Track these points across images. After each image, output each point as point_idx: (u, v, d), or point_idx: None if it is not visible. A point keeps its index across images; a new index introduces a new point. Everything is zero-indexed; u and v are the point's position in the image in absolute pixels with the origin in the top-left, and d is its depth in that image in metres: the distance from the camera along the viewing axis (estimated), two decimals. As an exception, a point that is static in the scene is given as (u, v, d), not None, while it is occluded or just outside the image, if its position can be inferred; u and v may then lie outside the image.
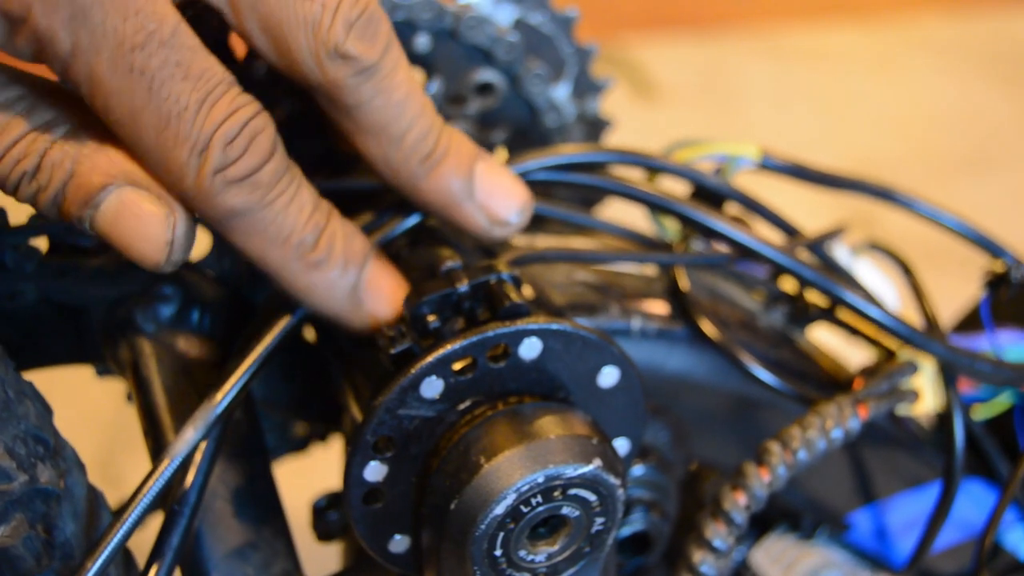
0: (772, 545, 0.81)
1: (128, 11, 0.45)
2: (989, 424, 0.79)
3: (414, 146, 0.54)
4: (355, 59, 0.51)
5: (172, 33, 0.46)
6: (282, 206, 0.50)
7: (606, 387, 0.56)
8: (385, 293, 0.55)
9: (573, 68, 0.73)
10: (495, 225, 0.57)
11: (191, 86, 0.47)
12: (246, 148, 0.48)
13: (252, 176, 0.49)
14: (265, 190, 0.49)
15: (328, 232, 0.52)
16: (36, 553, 0.53)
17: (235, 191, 0.48)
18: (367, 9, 0.51)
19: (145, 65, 0.46)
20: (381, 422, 0.52)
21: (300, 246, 0.51)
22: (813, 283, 0.67)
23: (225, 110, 0.48)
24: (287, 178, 0.50)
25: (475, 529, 0.51)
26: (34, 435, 0.52)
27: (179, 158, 0.47)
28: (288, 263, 0.52)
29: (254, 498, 0.62)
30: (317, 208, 0.52)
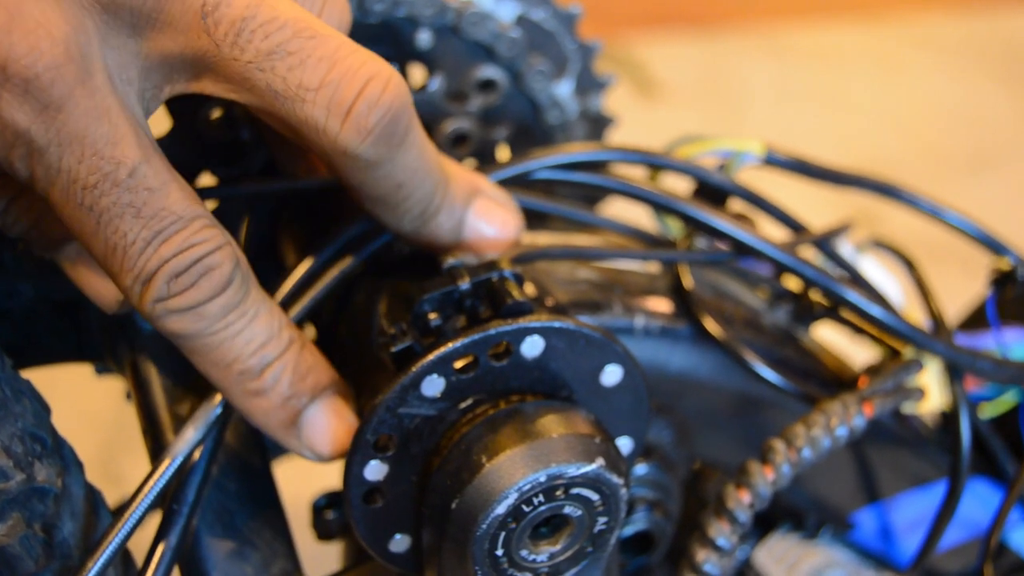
0: (775, 544, 0.80)
1: (85, 153, 0.45)
2: (994, 422, 0.78)
3: (409, 210, 0.54)
4: (367, 160, 0.50)
5: (129, 175, 0.46)
6: (228, 337, 0.50)
7: (609, 385, 0.55)
8: (327, 435, 0.55)
9: (576, 65, 0.72)
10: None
11: (141, 225, 0.47)
12: (193, 283, 0.48)
13: (197, 308, 0.49)
14: (211, 321, 0.49)
15: (277, 365, 0.52)
16: (34, 552, 0.52)
17: (177, 319, 0.49)
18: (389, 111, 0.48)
19: (95, 203, 0.46)
20: (382, 421, 0.51)
21: (242, 374, 0.52)
22: (814, 282, 0.67)
23: (175, 248, 0.47)
24: (238, 311, 0.50)
25: (476, 529, 0.50)
26: (31, 433, 0.52)
27: (123, 283, 0.48)
28: (229, 386, 0.52)
29: (254, 498, 0.62)
30: (272, 339, 0.52)
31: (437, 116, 0.68)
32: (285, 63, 0.47)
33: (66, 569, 0.54)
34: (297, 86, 0.47)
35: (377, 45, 0.66)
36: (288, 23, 0.47)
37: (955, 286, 1.10)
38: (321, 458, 0.55)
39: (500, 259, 0.55)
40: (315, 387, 0.54)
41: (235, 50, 0.47)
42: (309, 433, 0.54)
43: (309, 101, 0.48)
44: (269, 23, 0.47)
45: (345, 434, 0.55)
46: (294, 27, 0.47)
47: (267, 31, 0.47)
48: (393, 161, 0.51)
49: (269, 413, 0.53)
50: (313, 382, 0.54)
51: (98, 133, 0.45)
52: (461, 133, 0.69)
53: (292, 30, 0.47)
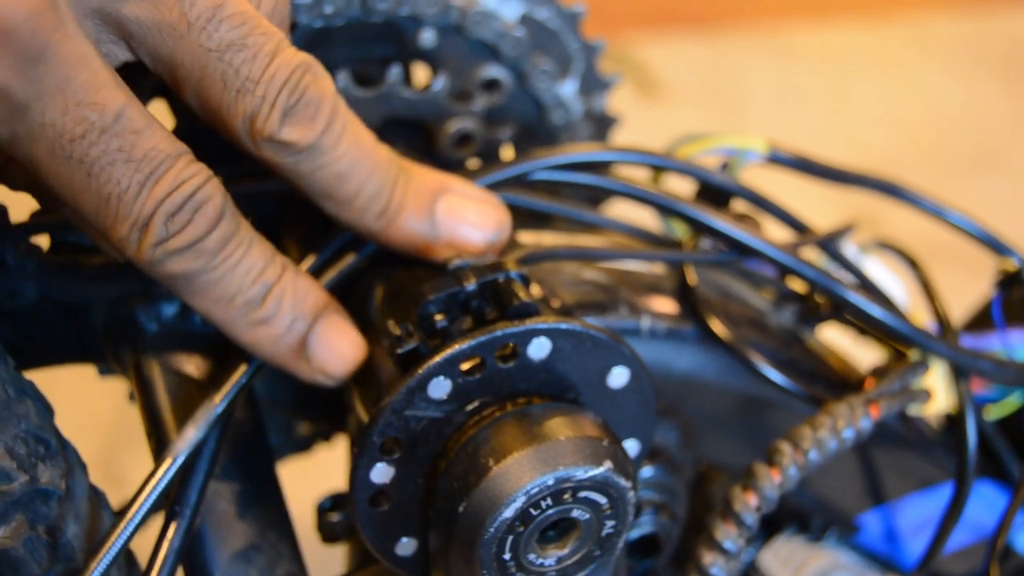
0: (781, 547, 0.80)
1: (68, 104, 0.45)
2: (1000, 424, 0.78)
3: (366, 206, 0.54)
4: (292, 144, 0.50)
5: (115, 119, 0.46)
6: (228, 269, 0.50)
7: (616, 387, 0.55)
8: (336, 351, 0.55)
9: (580, 64, 0.72)
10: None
11: (133, 168, 0.46)
12: (189, 220, 0.48)
13: (196, 245, 0.49)
14: (210, 256, 0.50)
15: (277, 290, 0.52)
16: (38, 555, 0.52)
17: (177, 259, 0.49)
18: (306, 92, 0.50)
19: (84, 154, 0.46)
20: (388, 423, 0.51)
21: (246, 305, 0.52)
22: (817, 284, 0.67)
23: (168, 186, 0.47)
24: (234, 242, 0.50)
25: (484, 532, 0.50)
26: (35, 435, 0.52)
27: (118, 233, 0.47)
28: (233, 320, 0.52)
29: (258, 500, 0.61)
30: (268, 266, 0.52)
31: (441, 116, 0.68)
32: (240, 56, 0.48)
33: (70, 571, 0.53)
34: (245, 79, 0.49)
35: (381, 44, 0.66)
36: (248, 19, 0.49)
37: (958, 286, 1.10)
38: (334, 378, 0.55)
39: (506, 260, 0.54)
40: (316, 307, 0.54)
41: (203, 35, 0.48)
42: (319, 354, 0.54)
43: (251, 92, 0.49)
44: (235, 15, 0.48)
45: (353, 350, 0.55)
46: (252, 22, 0.49)
47: (233, 22, 0.48)
48: (321, 148, 0.51)
49: (277, 340, 0.53)
50: (313, 303, 0.54)
51: (79, 81, 0.45)
52: (465, 133, 0.69)
53: (251, 25, 0.49)
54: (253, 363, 0.56)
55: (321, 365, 0.55)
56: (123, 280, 0.63)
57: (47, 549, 0.52)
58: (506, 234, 0.58)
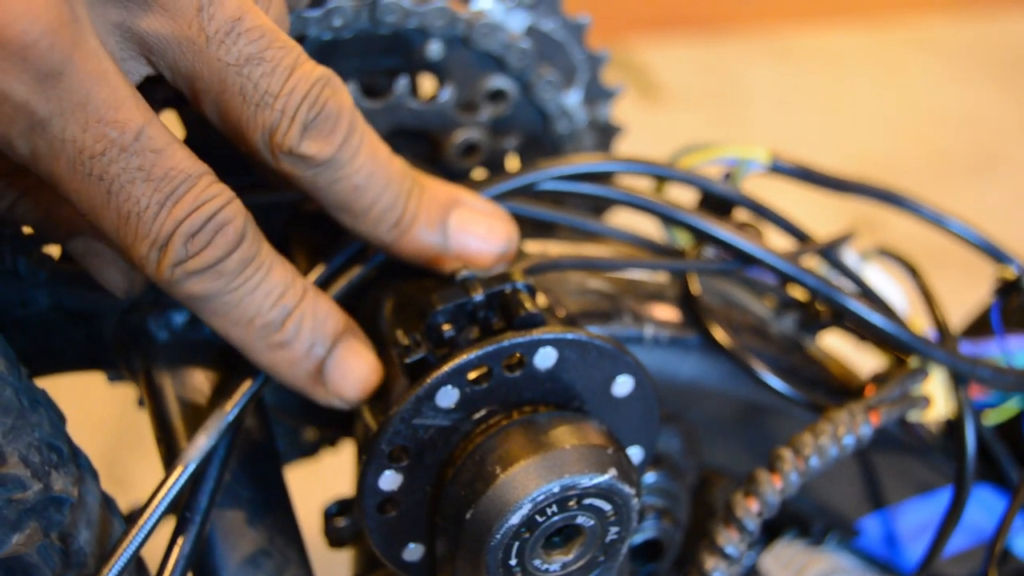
0: (782, 551, 0.81)
1: (89, 121, 0.45)
2: (999, 429, 0.79)
3: (380, 217, 0.55)
4: (311, 158, 0.51)
5: (135, 138, 0.46)
6: (247, 292, 0.50)
7: (620, 396, 0.56)
8: (353, 376, 0.55)
9: (584, 75, 0.73)
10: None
11: (152, 188, 0.46)
12: (209, 241, 0.48)
13: (215, 266, 0.49)
14: (229, 278, 0.50)
15: (296, 314, 0.53)
16: (51, 561, 0.53)
17: (195, 280, 0.49)
18: (325, 106, 0.50)
19: (104, 171, 0.46)
20: (396, 432, 0.52)
21: (264, 328, 0.52)
22: (818, 292, 0.67)
23: (188, 206, 0.47)
24: (254, 265, 0.50)
25: (490, 539, 0.51)
26: (48, 443, 0.52)
27: (138, 252, 0.48)
28: (252, 343, 0.52)
29: (267, 505, 0.62)
30: (289, 289, 0.52)
31: (447, 126, 0.69)
32: (259, 69, 0.49)
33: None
34: (264, 93, 0.49)
35: (388, 56, 0.67)
36: (267, 32, 0.49)
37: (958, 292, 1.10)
38: (350, 403, 0.56)
39: (513, 271, 0.55)
40: (335, 332, 0.54)
41: (221, 49, 0.48)
42: (336, 379, 0.55)
43: (270, 106, 0.49)
44: (254, 29, 0.48)
45: (369, 375, 0.56)
46: (271, 36, 0.49)
47: (251, 36, 0.48)
48: (339, 161, 0.52)
49: (295, 364, 0.54)
50: (332, 327, 0.54)
51: (100, 98, 0.45)
52: (471, 143, 0.70)
53: (269, 39, 0.49)
54: (260, 377, 0.56)
55: (337, 390, 0.55)
56: (134, 289, 0.64)
57: (60, 556, 0.53)
58: (514, 247, 0.59)
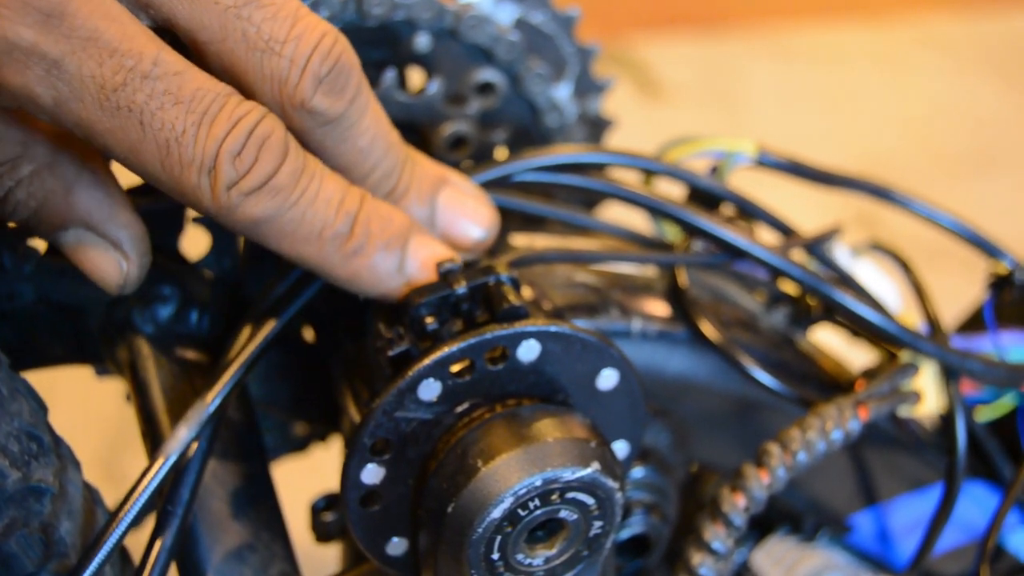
0: (774, 547, 0.80)
1: (103, 54, 0.45)
2: (992, 426, 0.78)
3: (377, 184, 0.55)
4: (322, 113, 0.50)
5: (153, 63, 0.46)
6: (308, 203, 0.49)
7: (605, 389, 0.55)
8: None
9: (574, 68, 0.73)
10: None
11: (184, 110, 0.46)
12: (256, 157, 0.47)
13: (269, 182, 0.48)
14: (286, 192, 0.48)
15: (362, 217, 0.51)
16: (31, 552, 0.52)
17: (254, 201, 0.48)
18: (338, 62, 0.50)
19: (131, 102, 0.45)
20: (378, 424, 0.51)
21: (335, 238, 0.51)
22: (807, 286, 0.67)
23: (225, 125, 0.47)
24: (307, 175, 0.49)
25: (472, 532, 0.50)
26: (28, 432, 0.52)
27: (190, 182, 0.47)
28: (327, 257, 0.51)
29: (252, 499, 0.62)
30: (347, 195, 0.51)
31: (436, 119, 0.68)
32: (260, 13, 0.48)
33: (64, 568, 0.54)
34: (268, 38, 0.48)
35: (375, 48, 0.67)
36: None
37: (956, 287, 1.10)
38: None
39: (497, 263, 0.55)
40: (403, 229, 0.53)
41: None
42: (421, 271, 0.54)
43: (277, 53, 0.49)
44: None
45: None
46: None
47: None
48: (349, 119, 0.51)
49: (374, 269, 0.53)
50: (399, 225, 0.53)
51: (109, 32, 0.45)
52: (460, 136, 0.69)
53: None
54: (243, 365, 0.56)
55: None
56: (119, 282, 0.64)
57: (41, 546, 0.53)
58: (494, 236, 0.59)
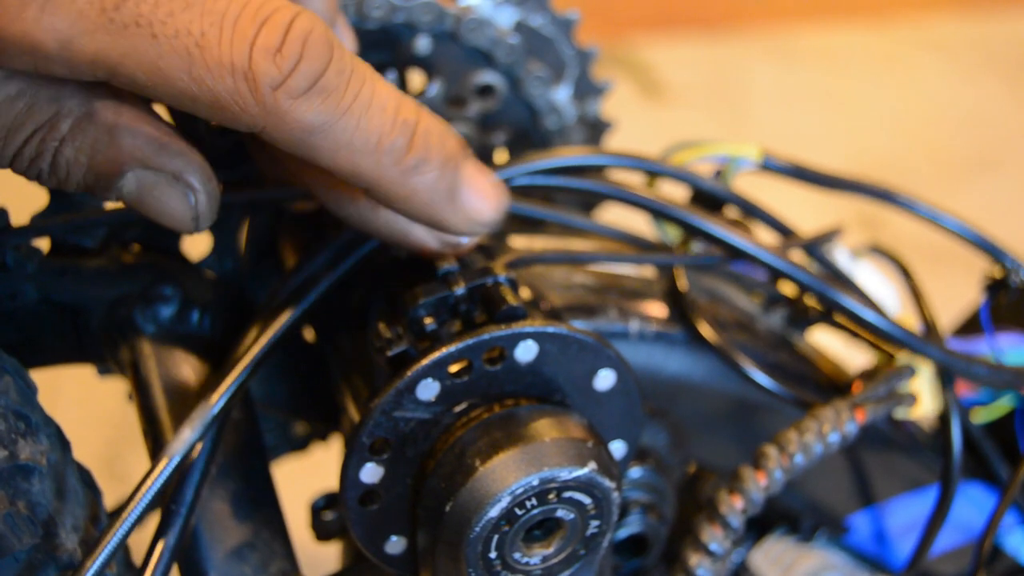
0: (771, 547, 0.81)
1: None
2: (990, 427, 0.78)
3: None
4: None
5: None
6: (362, 109, 0.46)
7: (602, 390, 0.56)
8: (485, 191, 0.51)
9: (574, 70, 0.73)
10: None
11: (198, 12, 0.43)
12: (300, 53, 0.44)
13: (318, 83, 0.44)
14: (338, 95, 0.45)
15: (422, 129, 0.48)
16: (18, 530, 0.52)
17: (305, 105, 0.44)
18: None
19: (137, 15, 0.43)
20: (377, 424, 0.52)
21: (393, 151, 0.47)
22: (807, 287, 0.67)
23: (254, 21, 0.43)
24: (357, 77, 0.46)
25: (470, 531, 0.51)
26: (15, 411, 0.52)
27: (226, 86, 0.43)
28: (384, 172, 0.48)
29: (252, 498, 0.62)
30: (403, 102, 0.48)
31: (436, 121, 0.69)
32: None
33: (52, 547, 0.54)
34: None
35: (376, 51, 0.67)
36: None
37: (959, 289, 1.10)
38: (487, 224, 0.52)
39: (495, 264, 0.55)
40: (459, 146, 0.50)
41: None
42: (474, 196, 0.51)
43: None
44: None
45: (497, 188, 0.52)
46: None
47: None
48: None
49: (434, 187, 0.49)
50: (455, 142, 0.50)
51: None
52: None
53: None
54: (248, 366, 0.56)
55: (477, 212, 0.51)
56: (121, 282, 0.64)
57: (28, 524, 0.53)
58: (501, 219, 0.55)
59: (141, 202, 0.51)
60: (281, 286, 0.59)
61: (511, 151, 0.74)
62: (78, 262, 0.64)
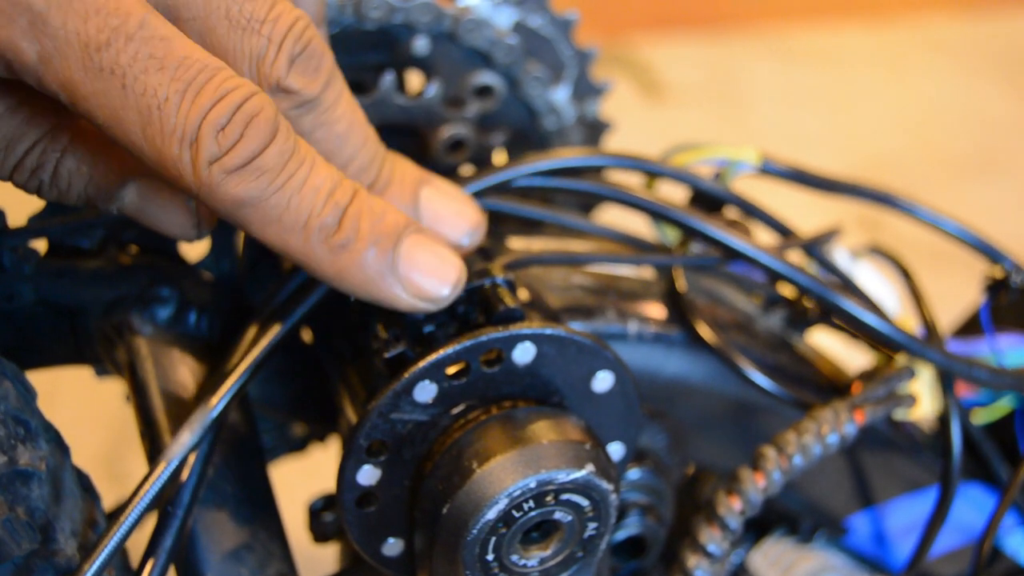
0: (771, 548, 0.81)
1: (88, 11, 0.44)
2: (990, 428, 0.78)
3: (357, 175, 0.54)
4: (297, 93, 0.50)
5: (140, 26, 0.45)
6: (294, 189, 0.47)
7: (600, 391, 0.56)
8: (432, 268, 0.52)
9: (573, 71, 0.73)
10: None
11: (168, 76, 0.45)
12: (241, 133, 0.46)
13: (254, 162, 0.46)
14: (272, 175, 0.47)
15: (352, 211, 0.49)
16: (17, 535, 0.52)
17: (237, 180, 0.46)
18: (310, 43, 0.50)
19: (114, 63, 0.44)
20: (374, 426, 0.52)
21: (322, 230, 0.49)
22: (806, 289, 0.67)
23: (211, 97, 0.45)
24: (295, 159, 0.47)
25: (467, 534, 0.51)
26: (14, 416, 0.52)
27: (171, 153, 0.45)
28: (311, 249, 0.49)
29: (249, 500, 0.62)
30: (338, 185, 0.49)
31: (434, 122, 0.69)
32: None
33: (50, 552, 0.54)
34: (249, 18, 0.48)
35: (374, 51, 0.67)
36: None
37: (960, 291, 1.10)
38: (435, 300, 0.52)
39: (492, 266, 0.55)
40: (395, 226, 0.51)
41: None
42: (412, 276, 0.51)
43: (257, 32, 0.49)
44: None
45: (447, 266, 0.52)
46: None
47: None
48: (324, 103, 0.51)
49: (366, 266, 0.50)
50: (392, 222, 0.51)
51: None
52: (458, 139, 0.70)
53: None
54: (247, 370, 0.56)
55: (422, 290, 0.52)
56: (118, 283, 0.64)
57: (27, 530, 0.53)
58: (479, 238, 0.58)
59: (142, 212, 0.52)
60: (279, 288, 0.59)
61: (510, 152, 0.74)
62: (75, 263, 0.64)
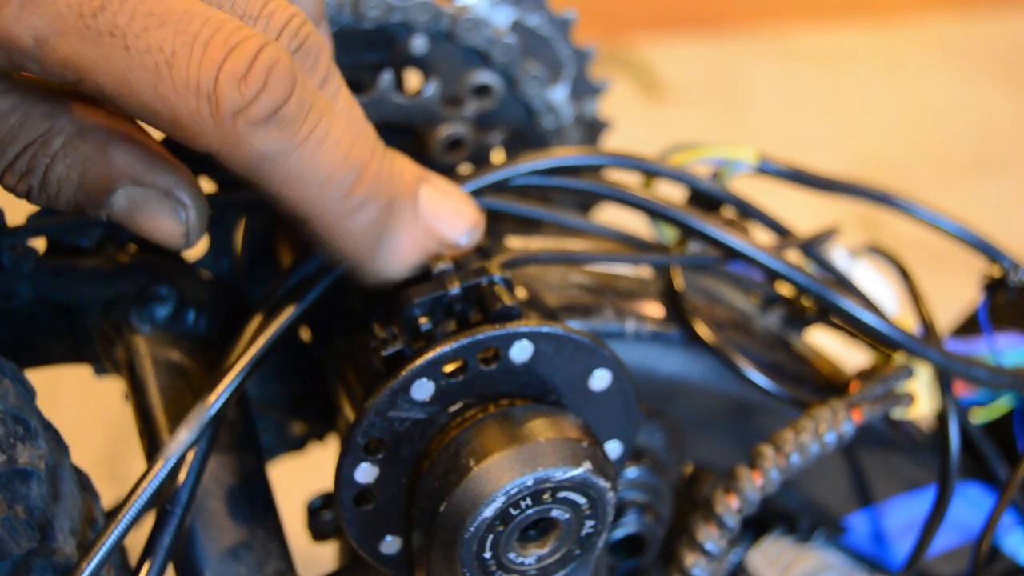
0: (769, 547, 0.81)
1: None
2: (988, 427, 0.78)
3: None
4: None
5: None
6: (317, 142, 0.47)
7: (597, 390, 0.56)
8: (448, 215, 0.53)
9: (571, 70, 0.73)
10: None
11: (172, 31, 0.44)
12: (264, 83, 0.44)
13: (278, 112, 0.45)
14: (295, 127, 0.46)
15: (373, 166, 0.49)
16: (16, 534, 0.52)
17: (262, 133, 0.45)
18: (307, 40, 0.49)
19: (112, 25, 0.43)
20: (372, 424, 0.52)
21: (341, 185, 0.48)
22: (804, 288, 0.67)
23: (223, 48, 0.44)
24: (316, 111, 0.47)
25: (464, 531, 0.51)
26: (13, 415, 0.52)
27: (188, 108, 0.44)
28: (332, 205, 0.49)
29: (248, 498, 0.62)
30: (357, 141, 0.49)
31: (432, 121, 0.69)
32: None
33: (48, 550, 0.54)
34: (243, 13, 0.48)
35: (372, 50, 0.67)
36: None
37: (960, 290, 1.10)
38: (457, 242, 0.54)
39: (490, 264, 0.55)
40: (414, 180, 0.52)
41: None
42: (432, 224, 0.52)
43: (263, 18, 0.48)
44: None
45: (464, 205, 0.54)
46: None
47: None
48: None
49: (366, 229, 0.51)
50: (410, 176, 0.52)
51: None
52: (456, 138, 0.70)
53: None
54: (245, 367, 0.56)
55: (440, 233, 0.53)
56: (117, 282, 0.64)
57: (26, 529, 0.53)
58: (477, 236, 0.58)
59: (131, 219, 0.51)
60: (278, 286, 0.59)
61: (508, 151, 0.74)
62: (74, 262, 0.64)
